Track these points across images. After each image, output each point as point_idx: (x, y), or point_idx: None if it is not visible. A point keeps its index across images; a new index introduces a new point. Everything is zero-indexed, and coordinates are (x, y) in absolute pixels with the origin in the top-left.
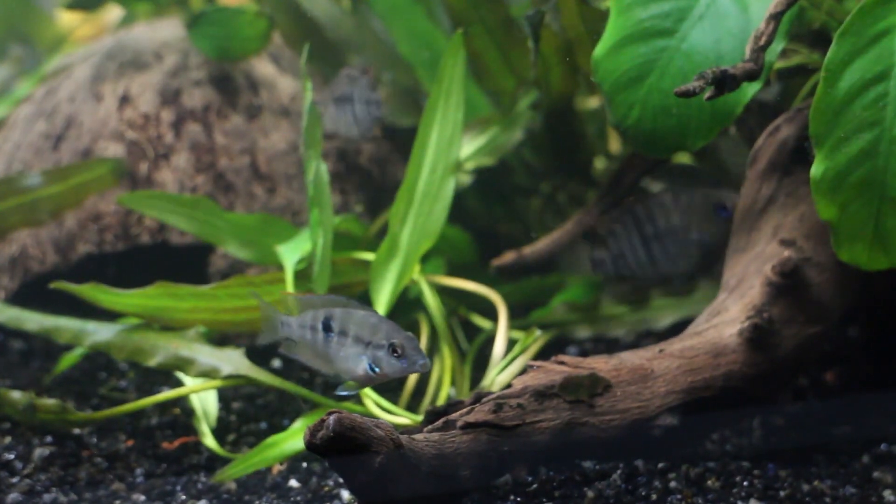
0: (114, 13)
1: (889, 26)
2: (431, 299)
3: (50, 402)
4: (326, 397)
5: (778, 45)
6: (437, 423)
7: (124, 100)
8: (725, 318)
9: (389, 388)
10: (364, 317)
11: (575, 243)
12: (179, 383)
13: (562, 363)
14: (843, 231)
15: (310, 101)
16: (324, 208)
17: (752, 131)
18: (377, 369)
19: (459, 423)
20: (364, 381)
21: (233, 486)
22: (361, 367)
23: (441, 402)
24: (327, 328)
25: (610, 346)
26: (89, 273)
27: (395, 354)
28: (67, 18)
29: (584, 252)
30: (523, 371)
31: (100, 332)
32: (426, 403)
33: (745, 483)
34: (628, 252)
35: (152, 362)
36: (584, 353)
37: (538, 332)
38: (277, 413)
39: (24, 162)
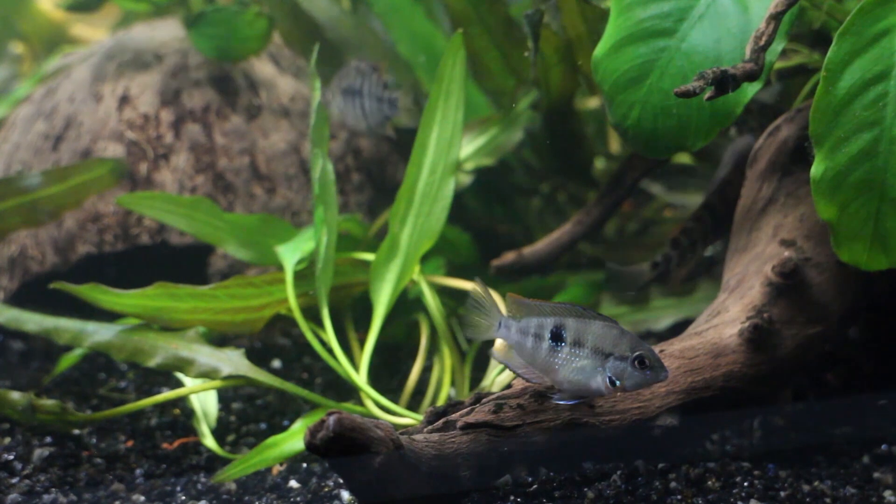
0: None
1: (889, 26)
2: (431, 299)
3: (49, 402)
4: (326, 398)
5: (778, 45)
6: (437, 423)
7: (124, 100)
8: (725, 319)
9: (389, 389)
10: (603, 328)
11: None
12: (179, 384)
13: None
14: (843, 231)
15: (317, 100)
16: (329, 206)
17: (753, 132)
18: (618, 382)
19: (459, 424)
20: (597, 394)
21: (233, 486)
22: (599, 379)
23: (441, 402)
24: (557, 337)
25: None
26: (89, 273)
27: (641, 367)
28: (59, 15)
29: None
30: None
31: (99, 333)
32: (426, 404)
33: (745, 483)
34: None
35: (152, 363)
36: None
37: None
38: (277, 413)
39: (23, 162)
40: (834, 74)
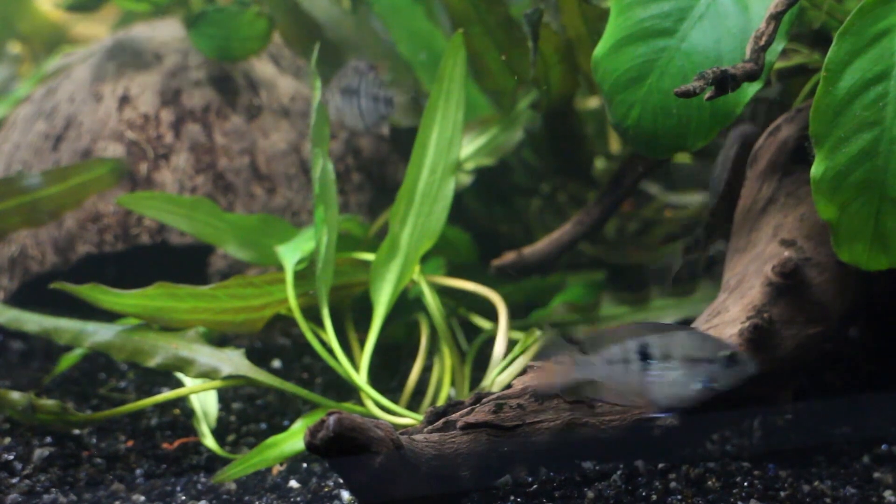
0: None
1: (889, 26)
2: (431, 299)
3: (49, 402)
4: (326, 398)
5: (778, 45)
6: (437, 423)
7: (124, 100)
8: (726, 319)
9: (389, 389)
10: (685, 336)
11: (575, 244)
12: (179, 384)
13: (562, 363)
14: (843, 231)
15: (318, 99)
16: (329, 206)
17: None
18: (714, 384)
19: (459, 424)
20: (693, 400)
21: (233, 486)
22: (695, 386)
23: (441, 402)
24: (645, 356)
25: None
26: (89, 273)
27: (732, 364)
28: (58, 15)
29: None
30: (523, 371)
31: (100, 333)
32: (426, 404)
33: (745, 483)
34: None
35: (152, 363)
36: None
37: (538, 333)
38: (277, 413)
39: (23, 162)
40: (834, 74)
